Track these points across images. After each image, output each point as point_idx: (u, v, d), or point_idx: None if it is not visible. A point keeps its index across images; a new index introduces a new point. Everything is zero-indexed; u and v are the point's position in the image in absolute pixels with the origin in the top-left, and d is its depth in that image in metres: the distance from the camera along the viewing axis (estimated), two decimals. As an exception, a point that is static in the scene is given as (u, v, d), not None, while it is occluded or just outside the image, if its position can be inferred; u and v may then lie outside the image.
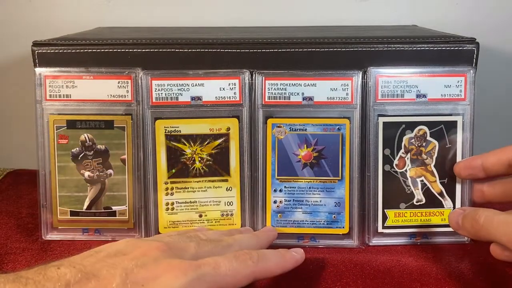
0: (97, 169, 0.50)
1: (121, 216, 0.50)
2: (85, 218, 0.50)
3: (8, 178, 0.65)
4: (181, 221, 0.49)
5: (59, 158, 0.50)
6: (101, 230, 0.50)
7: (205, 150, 0.49)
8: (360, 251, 0.48)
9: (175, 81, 0.48)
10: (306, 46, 0.50)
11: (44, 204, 0.50)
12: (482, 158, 0.45)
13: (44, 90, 0.49)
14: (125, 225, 0.50)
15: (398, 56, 0.50)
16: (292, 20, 0.73)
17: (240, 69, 0.49)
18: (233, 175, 0.49)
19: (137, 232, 0.50)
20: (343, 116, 0.48)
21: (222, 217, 0.50)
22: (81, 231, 0.50)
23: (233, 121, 0.49)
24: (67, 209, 0.50)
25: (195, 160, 0.49)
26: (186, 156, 0.49)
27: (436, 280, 0.43)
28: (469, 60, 0.49)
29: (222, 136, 0.49)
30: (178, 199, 0.49)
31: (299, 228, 0.49)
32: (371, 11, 0.73)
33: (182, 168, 0.49)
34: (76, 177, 0.50)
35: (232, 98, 0.49)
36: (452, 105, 0.48)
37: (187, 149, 0.49)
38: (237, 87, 0.48)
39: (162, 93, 0.48)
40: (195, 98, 0.49)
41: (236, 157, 0.49)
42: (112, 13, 0.73)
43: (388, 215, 0.49)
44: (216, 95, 0.48)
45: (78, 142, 0.50)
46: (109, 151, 0.50)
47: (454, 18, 0.72)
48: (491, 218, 0.37)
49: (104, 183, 0.50)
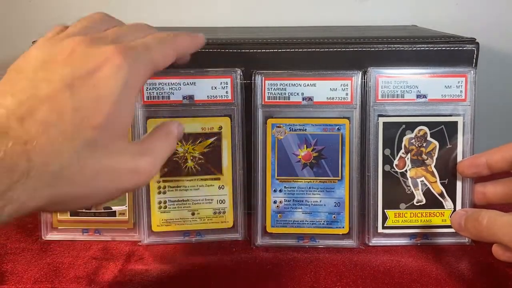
0: None
1: (121, 216, 0.50)
2: (85, 218, 0.50)
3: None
4: (173, 219, 0.49)
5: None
6: (101, 230, 0.50)
7: (197, 149, 0.49)
8: (360, 251, 0.48)
9: (167, 80, 0.48)
10: (306, 46, 0.50)
11: None
12: (486, 156, 0.45)
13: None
14: (125, 225, 0.50)
15: (398, 56, 0.49)
16: (292, 20, 0.73)
17: (233, 68, 0.48)
18: (225, 173, 0.49)
19: (137, 232, 0.50)
20: (342, 116, 0.48)
21: (214, 215, 0.50)
22: (81, 231, 0.50)
23: (225, 120, 0.49)
24: (67, 210, 0.50)
25: (187, 159, 0.49)
26: (178, 155, 0.49)
27: (436, 280, 0.43)
28: (469, 60, 0.49)
29: (214, 135, 0.49)
30: (170, 197, 0.49)
31: (299, 228, 0.49)
32: (371, 11, 0.73)
33: (174, 167, 0.49)
34: None
35: (224, 97, 0.49)
36: (452, 105, 0.48)
37: (179, 148, 0.49)
38: (229, 86, 0.48)
39: (153, 92, 0.48)
40: (187, 97, 0.49)
41: (228, 155, 0.49)
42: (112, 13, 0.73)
43: (388, 215, 0.49)
44: (208, 94, 0.48)
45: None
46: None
47: (454, 18, 0.72)
48: (494, 220, 0.37)
49: None
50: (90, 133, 0.30)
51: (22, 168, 0.27)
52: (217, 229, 0.50)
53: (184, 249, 0.49)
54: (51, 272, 0.45)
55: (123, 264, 0.46)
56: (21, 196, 0.27)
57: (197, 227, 0.50)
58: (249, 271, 0.44)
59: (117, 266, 0.45)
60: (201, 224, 0.50)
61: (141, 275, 0.44)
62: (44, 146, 0.28)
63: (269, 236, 0.49)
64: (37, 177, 0.28)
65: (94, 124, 0.30)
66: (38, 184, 0.28)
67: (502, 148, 0.45)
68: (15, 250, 0.48)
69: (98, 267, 0.45)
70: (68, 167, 0.29)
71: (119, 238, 0.50)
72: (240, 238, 0.50)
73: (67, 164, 0.29)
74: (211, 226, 0.50)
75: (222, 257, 0.47)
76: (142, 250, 0.48)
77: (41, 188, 0.28)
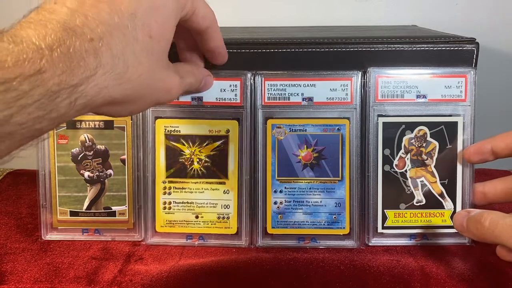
0: (97, 169, 0.50)
1: (121, 216, 0.50)
2: (84, 218, 0.50)
3: (8, 178, 0.65)
4: (177, 220, 0.49)
5: (58, 158, 0.50)
6: (101, 230, 0.50)
7: (203, 151, 0.49)
8: (360, 252, 0.48)
9: None
10: (306, 46, 0.50)
11: (44, 204, 0.50)
12: (492, 143, 0.46)
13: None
14: (125, 225, 0.50)
15: (398, 56, 0.49)
16: (292, 20, 0.73)
17: (241, 69, 0.48)
18: (231, 178, 0.49)
19: (136, 232, 0.50)
20: (342, 117, 0.48)
21: (218, 219, 0.49)
22: (81, 231, 0.50)
23: (233, 123, 0.49)
24: (67, 209, 0.50)
25: (193, 161, 0.49)
26: (184, 156, 0.49)
27: (436, 281, 0.43)
28: (469, 60, 0.49)
29: (221, 138, 0.49)
30: (175, 198, 0.49)
31: (299, 229, 0.49)
32: (371, 11, 0.73)
33: (180, 168, 0.49)
34: (75, 177, 0.50)
35: (232, 100, 0.48)
36: (452, 106, 0.48)
37: (186, 149, 0.49)
38: (238, 89, 0.48)
39: None
40: (196, 99, 0.48)
41: (235, 160, 0.49)
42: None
43: (388, 215, 0.49)
44: (216, 96, 0.48)
45: (78, 142, 0.49)
46: (108, 151, 0.50)
47: (454, 18, 0.72)
48: (496, 221, 0.37)
49: (104, 183, 0.50)
50: (147, 41, 0.33)
51: (91, 66, 0.29)
52: (221, 234, 0.49)
53: (184, 249, 0.49)
54: (51, 272, 0.45)
55: (123, 264, 0.46)
56: (90, 91, 0.30)
57: (200, 231, 0.49)
58: (250, 272, 0.44)
59: (117, 266, 0.45)
60: (204, 228, 0.49)
61: (141, 275, 0.44)
62: (110, 46, 0.30)
63: (270, 237, 0.49)
64: (104, 75, 0.30)
65: (151, 33, 0.33)
66: (105, 83, 0.31)
67: (506, 135, 0.45)
68: (15, 250, 0.48)
69: (98, 267, 0.45)
70: (130, 70, 0.32)
71: (119, 238, 0.50)
72: (244, 246, 0.49)
73: (130, 66, 0.32)
74: (215, 231, 0.49)
75: (222, 258, 0.47)
76: (142, 250, 0.48)
77: (107, 86, 0.31)
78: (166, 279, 0.43)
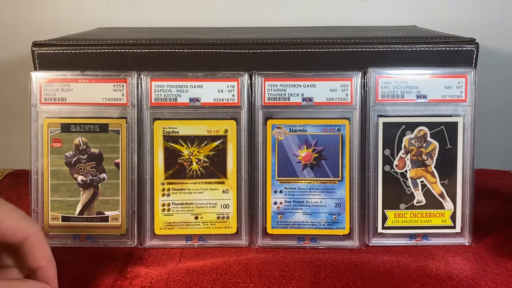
0: (91, 173, 0.49)
1: (113, 221, 0.49)
2: (76, 224, 0.49)
3: (7, 179, 0.65)
4: (176, 222, 0.49)
5: (52, 162, 0.49)
6: (92, 236, 0.49)
7: (202, 152, 0.49)
8: (360, 252, 0.48)
9: (174, 82, 0.48)
10: (306, 46, 0.50)
11: (35, 209, 0.49)
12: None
13: (40, 93, 0.49)
14: (118, 230, 0.49)
15: (397, 57, 0.49)
16: (292, 20, 0.73)
17: (240, 70, 0.48)
18: (230, 177, 0.49)
19: (129, 238, 0.49)
20: (343, 117, 0.48)
21: (218, 219, 0.49)
22: (72, 237, 0.49)
23: (231, 123, 0.49)
24: (59, 215, 0.49)
25: (192, 161, 0.49)
26: (183, 157, 0.49)
27: (436, 281, 0.43)
28: (469, 60, 0.49)
29: (219, 138, 0.49)
30: (174, 200, 0.49)
31: (299, 229, 0.49)
32: (371, 11, 0.73)
33: (179, 169, 0.49)
34: (69, 181, 0.49)
35: (230, 100, 0.48)
36: (452, 106, 0.48)
37: (184, 150, 0.49)
38: (236, 90, 0.48)
39: (161, 94, 0.48)
40: (194, 100, 0.49)
41: (234, 159, 0.49)
42: (112, 13, 0.73)
43: (388, 215, 0.49)
44: (214, 97, 0.48)
45: (72, 145, 0.49)
46: (103, 154, 0.49)
47: (454, 18, 0.72)
48: None
49: (97, 188, 0.49)
50: None
51: None
52: (221, 234, 0.49)
53: (184, 250, 0.48)
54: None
55: (123, 265, 0.46)
56: None
57: (200, 232, 0.49)
58: (249, 273, 0.44)
59: (116, 267, 0.45)
60: (204, 228, 0.49)
61: (140, 276, 0.44)
62: None
63: (270, 237, 0.49)
64: None
65: None
66: None
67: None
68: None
69: (97, 268, 0.45)
70: None
71: (111, 245, 0.49)
72: (244, 245, 0.49)
73: None
74: (215, 231, 0.49)
75: (222, 258, 0.47)
76: (142, 252, 0.48)
77: None
78: (166, 280, 0.43)
